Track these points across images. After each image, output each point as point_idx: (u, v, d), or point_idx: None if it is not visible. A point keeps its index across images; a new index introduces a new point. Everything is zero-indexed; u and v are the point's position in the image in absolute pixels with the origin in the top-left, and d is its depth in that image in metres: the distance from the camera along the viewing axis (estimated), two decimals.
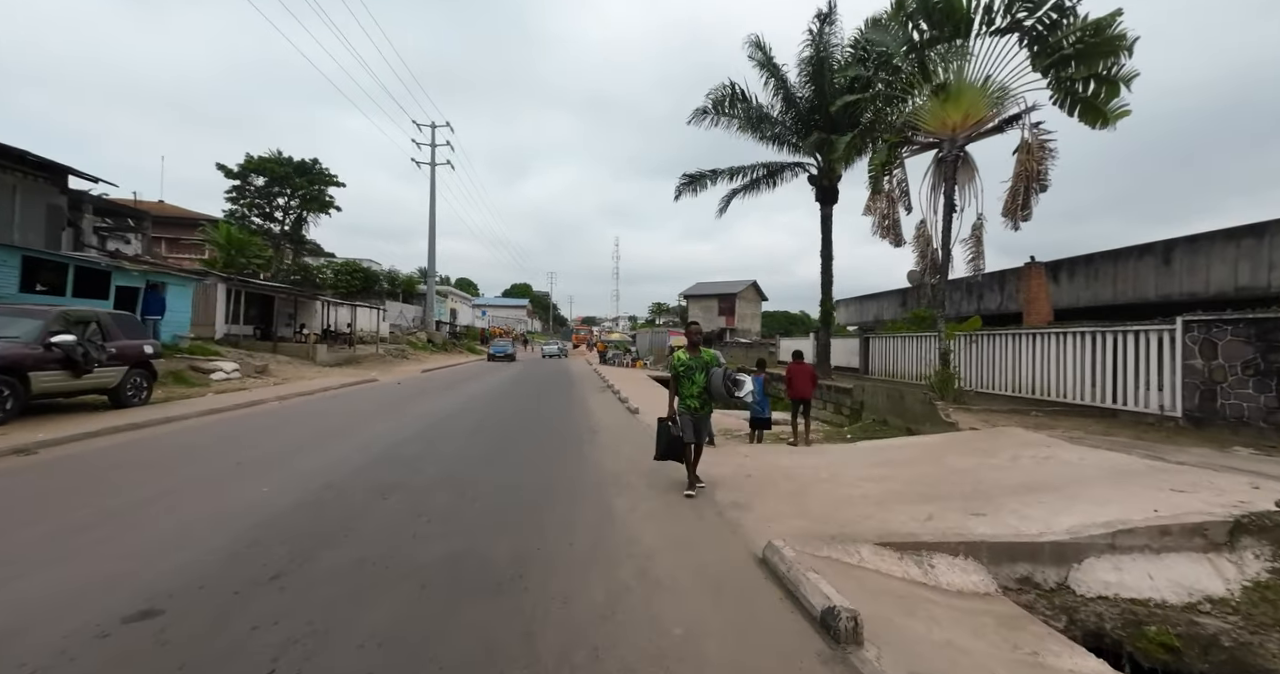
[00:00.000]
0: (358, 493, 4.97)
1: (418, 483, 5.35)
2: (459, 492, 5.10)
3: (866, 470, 5.91)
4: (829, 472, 5.96)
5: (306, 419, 9.15)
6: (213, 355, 15.12)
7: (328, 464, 6.06)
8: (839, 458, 6.69)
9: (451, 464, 6.31)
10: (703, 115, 19.93)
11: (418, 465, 6.15)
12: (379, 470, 5.88)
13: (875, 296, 27.00)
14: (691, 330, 5.99)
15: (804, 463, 6.52)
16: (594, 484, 5.58)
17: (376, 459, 6.42)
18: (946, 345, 12.97)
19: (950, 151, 13.05)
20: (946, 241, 13.09)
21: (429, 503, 4.73)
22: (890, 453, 6.72)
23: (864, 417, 11.04)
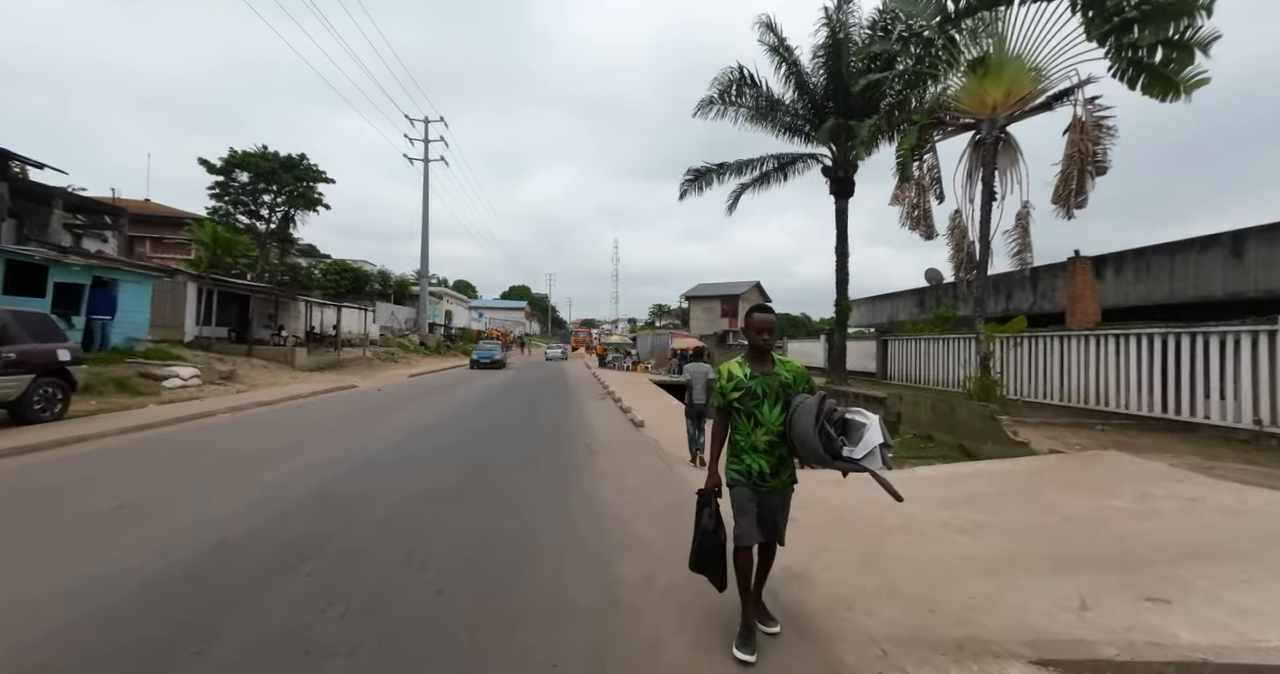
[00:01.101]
0: (257, 559, 3.55)
1: (349, 540, 3.91)
2: (403, 555, 3.68)
3: (947, 513, 4.51)
4: (895, 512, 4.56)
5: (248, 437, 7.73)
6: (172, 360, 13.69)
7: (238, 507, 4.64)
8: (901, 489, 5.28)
9: (405, 503, 4.89)
10: (708, 105, 18.57)
11: (360, 507, 4.73)
12: (303, 517, 4.46)
13: (890, 297, 25.65)
14: (757, 323, 2.91)
15: (858, 497, 5.11)
16: (591, 540, 4.16)
17: (307, 497, 5.00)
18: (987, 348, 11.61)
19: (990, 133, 11.72)
20: (986, 233, 11.74)
21: (352, 580, 3.27)
22: (965, 485, 5.32)
23: (901, 430, 9.63)
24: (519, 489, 5.39)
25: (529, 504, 4.91)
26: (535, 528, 4.25)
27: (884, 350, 19.27)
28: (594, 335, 64.97)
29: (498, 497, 5.13)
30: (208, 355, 17.23)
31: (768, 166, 19.81)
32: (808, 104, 18.37)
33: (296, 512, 4.54)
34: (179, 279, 18.53)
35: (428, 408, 11.82)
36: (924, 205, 13.07)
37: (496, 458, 6.86)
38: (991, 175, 11.78)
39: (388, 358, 28.66)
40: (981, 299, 11.92)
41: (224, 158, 32.15)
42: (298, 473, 5.70)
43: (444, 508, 4.70)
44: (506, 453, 7.23)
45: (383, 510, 4.57)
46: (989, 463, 6.06)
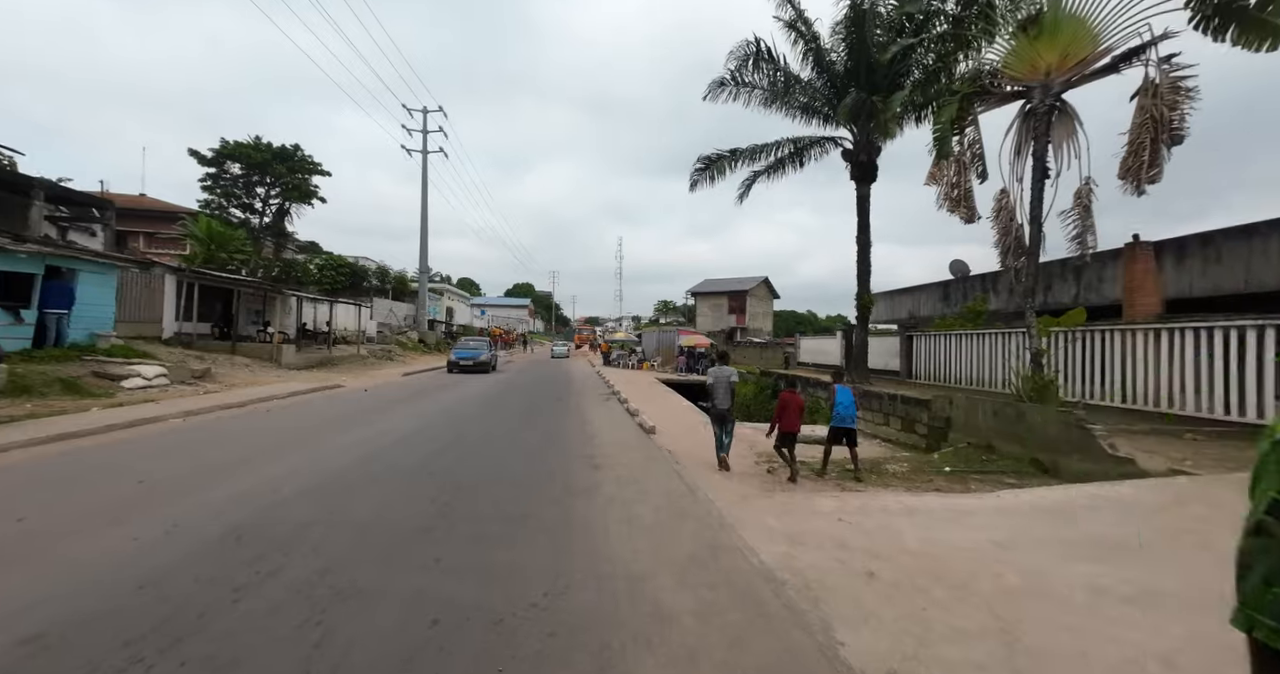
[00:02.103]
0: (114, 639, 2.33)
1: (226, 625, 2.66)
2: (324, 636, 2.45)
3: (1087, 566, 3.26)
4: (1010, 564, 3.33)
5: (182, 451, 6.50)
6: (138, 358, 12.54)
7: (135, 552, 3.45)
8: (994, 526, 4.04)
9: (352, 546, 3.68)
10: (720, 87, 17.27)
11: (291, 550, 3.52)
12: (211, 564, 3.26)
13: (910, 291, 24.32)
14: None
15: (945, 536, 3.88)
16: (593, 617, 2.89)
17: (230, 534, 3.80)
18: (1040, 344, 10.32)
19: (1043, 101, 10.39)
20: (1037, 214, 10.43)
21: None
22: (1088, 520, 4.07)
23: (951, 439, 8.36)
24: (499, 528, 4.15)
25: (509, 554, 3.66)
26: (513, 599, 3.00)
27: (909, 347, 17.95)
28: (598, 333, 63.80)
29: (469, 541, 3.89)
30: (186, 353, 16.12)
31: (783, 151, 18.45)
32: (827, 82, 17.05)
33: (196, 563, 3.33)
34: (156, 271, 17.41)
35: (413, 411, 10.62)
36: (964, 185, 11.72)
37: (479, 480, 5.63)
38: (1044, 149, 10.46)
39: (384, 355, 27.54)
40: (1033, 289, 10.61)
41: (215, 148, 31.10)
42: (215, 506, 4.45)
43: (389, 565, 3.44)
44: (492, 472, 6.00)
45: (297, 573, 3.25)
46: (1098, 487, 4.79)
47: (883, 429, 10.56)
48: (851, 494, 5.37)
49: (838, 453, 7.16)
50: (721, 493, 5.40)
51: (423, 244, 36.44)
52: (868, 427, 11.32)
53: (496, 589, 3.11)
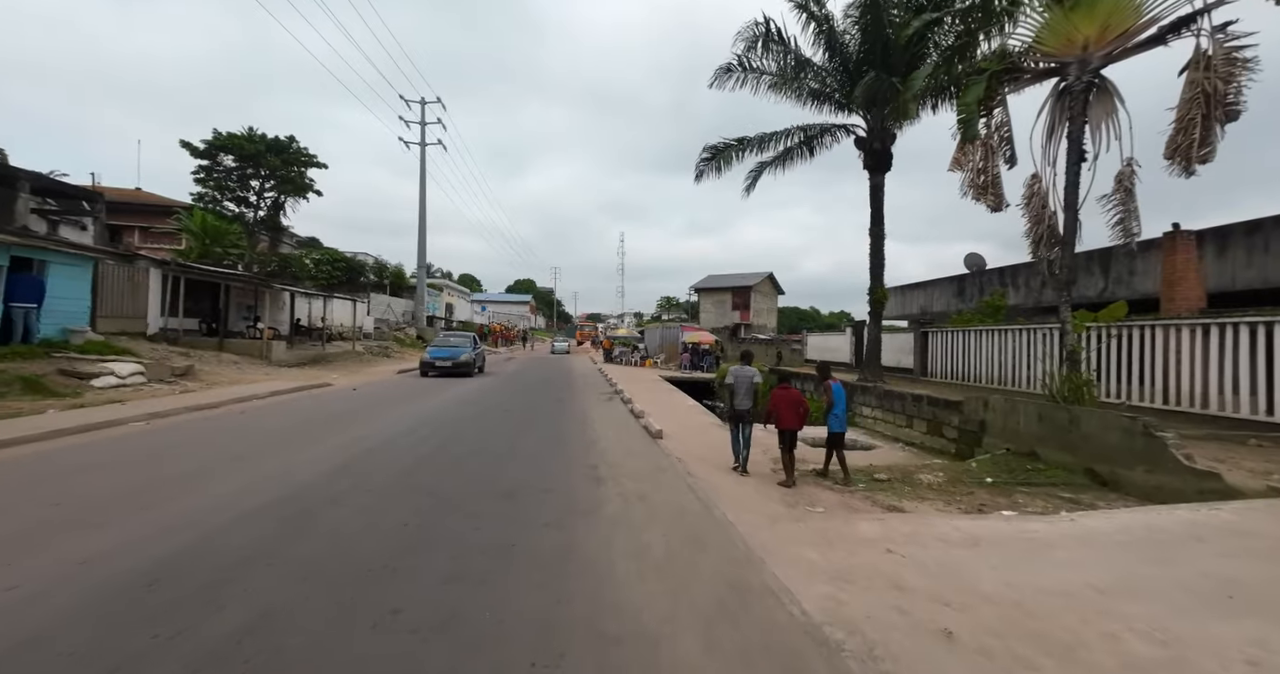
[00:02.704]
0: None
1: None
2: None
3: (1226, 626, 2.53)
4: (1125, 619, 2.60)
5: (137, 461, 5.77)
6: (114, 355, 11.86)
7: (9, 604, 2.73)
8: (1083, 563, 3.32)
9: (294, 593, 2.98)
10: (726, 74, 16.48)
11: (213, 600, 2.82)
12: (104, 621, 2.56)
13: (922, 286, 23.55)
14: None
15: (1027, 577, 3.15)
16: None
17: (144, 577, 3.09)
18: (1076, 340, 9.58)
19: (1080, 78, 9.63)
20: (1073, 200, 9.70)
21: None
22: (1195, 556, 3.34)
23: (986, 444, 7.64)
24: (481, 564, 3.43)
25: (490, 602, 2.94)
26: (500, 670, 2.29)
27: (923, 344, 17.19)
28: (600, 330, 63.08)
29: (441, 582, 3.16)
30: (170, 349, 15.44)
31: (792, 140, 17.63)
32: (839, 66, 16.25)
33: (50, 642, 2.61)
34: (140, 265, 16.70)
35: (402, 412, 9.92)
36: (992, 170, 10.95)
37: (465, 495, 4.91)
38: (1080, 130, 9.72)
39: (380, 352, 26.87)
40: (1068, 281, 9.86)
41: (207, 140, 30.30)
42: (139, 535, 3.70)
43: (333, 622, 2.70)
44: (481, 485, 5.28)
45: (211, 634, 2.47)
46: (1191, 511, 4.06)
47: (905, 432, 9.84)
48: (896, 516, 4.65)
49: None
50: (743, 512, 4.69)
51: (421, 238, 35.71)
52: (888, 429, 10.61)
53: (468, 658, 2.39)
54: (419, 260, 36.05)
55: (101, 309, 14.72)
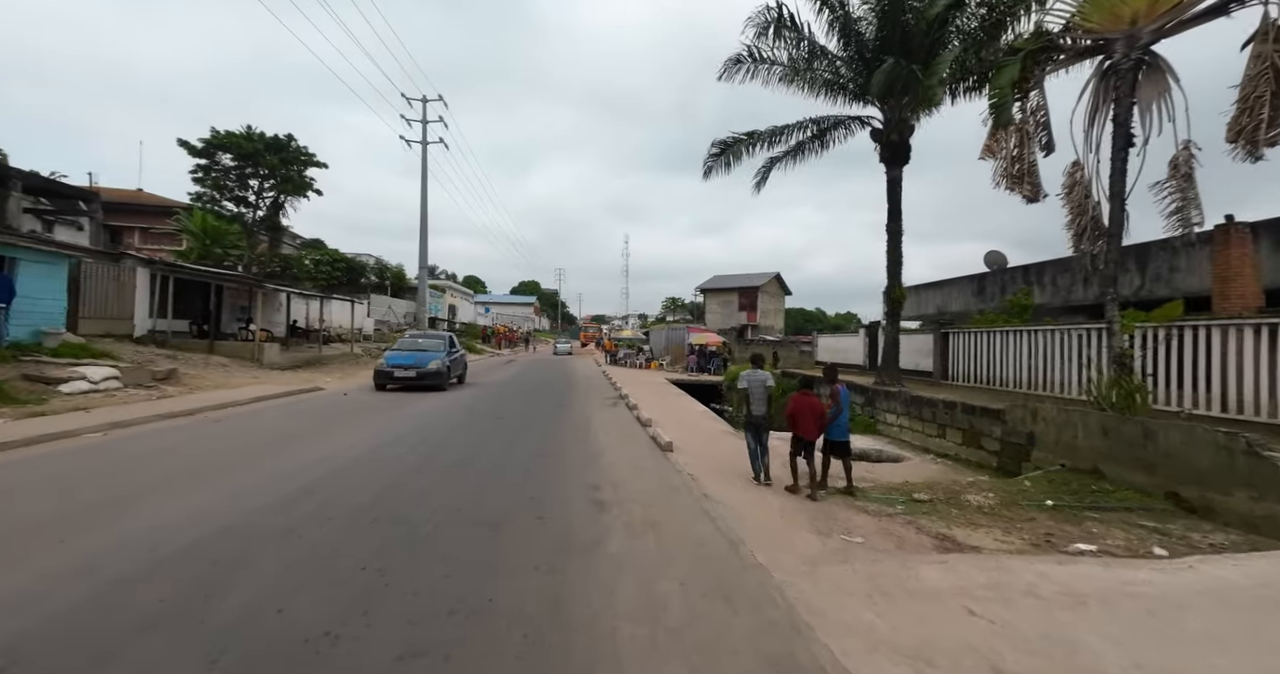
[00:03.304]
0: None
1: None
2: None
3: None
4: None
5: (71, 480, 5.00)
6: (91, 358, 11.20)
7: None
8: (1234, 636, 2.53)
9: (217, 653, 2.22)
10: (736, 65, 15.72)
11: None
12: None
13: (939, 285, 22.68)
14: None
15: (1170, 659, 2.35)
16: None
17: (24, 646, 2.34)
18: (1124, 342, 8.77)
19: (1127, 55, 8.83)
20: (1119, 188, 8.90)
21: None
22: None
23: (1035, 459, 6.82)
24: (446, 632, 2.66)
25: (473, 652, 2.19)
26: None
27: (943, 345, 16.33)
28: (604, 331, 62.36)
29: (396, 659, 2.42)
30: (157, 352, 14.80)
31: (805, 133, 16.82)
32: (854, 54, 15.46)
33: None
34: (126, 264, 16.08)
35: (390, 420, 9.19)
36: (1027, 158, 10.15)
37: (441, 526, 4.14)
38: (1128, 112, 8.92)
39: (379, 355, 26.18)
40: (1115, 276, 9.06)
41: (205, 138, 29.75)
42: (12, 594, 2.99)
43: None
44: (464, 512, 4.51)
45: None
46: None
47: (936, 442, 9.03)
48: (963, 557, 3.86)
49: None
50: (774, 548, 3.92)
51: (422, 238, 35.05)
52: (915, 438, 9.81)
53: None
54: (420, 260, 35.38)
55: (84, 310, 14.10)
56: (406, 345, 15.62)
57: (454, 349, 16.08)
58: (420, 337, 16.48)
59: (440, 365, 13.94)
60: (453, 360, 15.17)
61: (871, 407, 11.93)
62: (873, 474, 7.55)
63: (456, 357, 15.97)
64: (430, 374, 13.67)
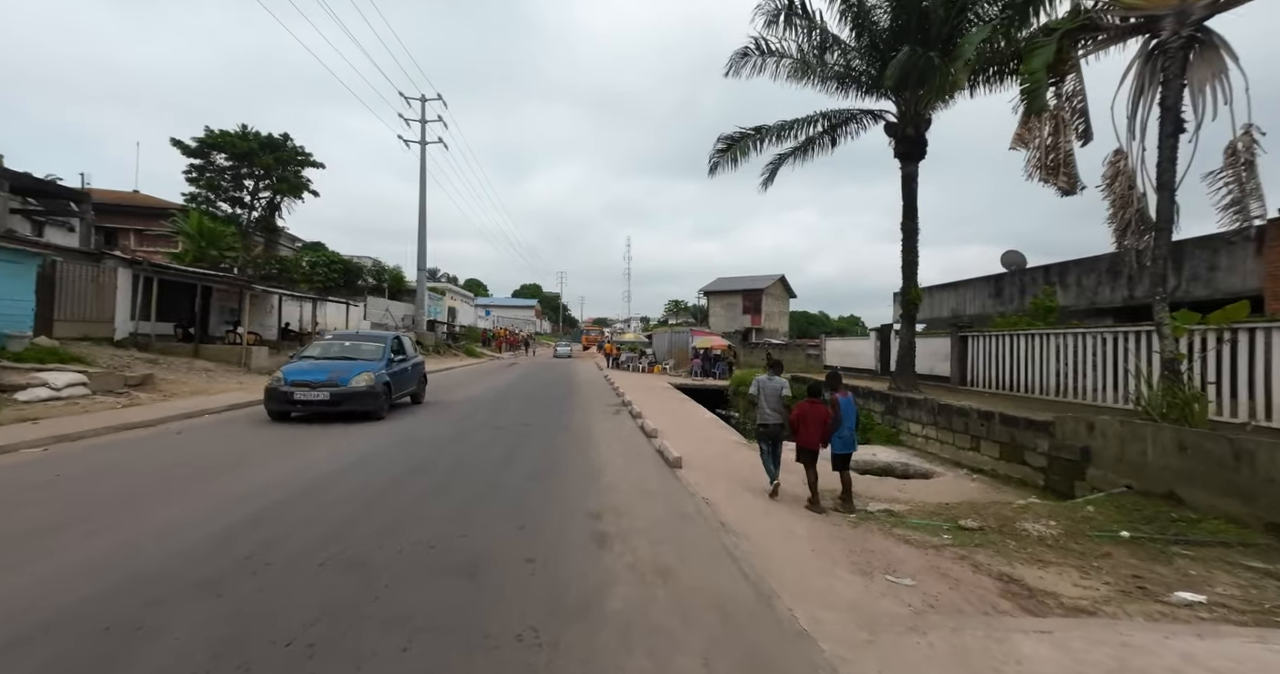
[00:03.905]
0: None
1: None
2: None
3: None
4: None
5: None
6: (58, 363, 10.50)
7: None
8: None
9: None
10: (743, 58, 15.01)
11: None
12: None
13: (953, 286, 21.91)
14: None
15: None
16: None
17: None
18: (1175, 346, 8.00)
19: (1177, 32, 8.08)
20: (1168, 178, 8.14)
21: None
22: None
23: (1091, 478, 6.05)
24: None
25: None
26: None
27: (962, 349, 15.56)
28: (606, 334, 61.66)
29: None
30: (137, 356, 14.11)
31: (815, 128, 16.06)
32: (868, 45, 14.73)
33: None
34: (107, 264, 15.40)
35: (367, 430, 8.45)
36: (1063, 147, 9.40)
37: (405, 575, 3.35)
38: (1178, 95, 8.18)
39: None
40: (1164, 274, 8.29)
41: (199, 138, 29.17)
42: None
43: None
44: (436, 553, 3.73)
45: None
46: None
47: (969, 455, 8.25)
48: (1069, 624, 3.08)
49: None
50: (815, 601, 3.17)
51: (421, 239, 34.43)
52: (944, 450, 9.03)
53: None
54: (419, 261, 34.76)
55: (59, 312, 13.43)
56: (324, 351, 10.79)
57: (401, 356, 11.56)
58: (349, 338, 11.67)
59: (371, 381, 9.57)
60: (397, 373, 10.90)
61: (893, 415, 11.16)
62: (905, 493, 6.78)
63: (404, 368, 11.45)
64: (354, 395, 9.26)
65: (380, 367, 10.22)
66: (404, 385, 11.44)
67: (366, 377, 9.62)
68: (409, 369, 11.84)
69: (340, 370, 9.60)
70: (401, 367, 11.30)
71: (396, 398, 10.89)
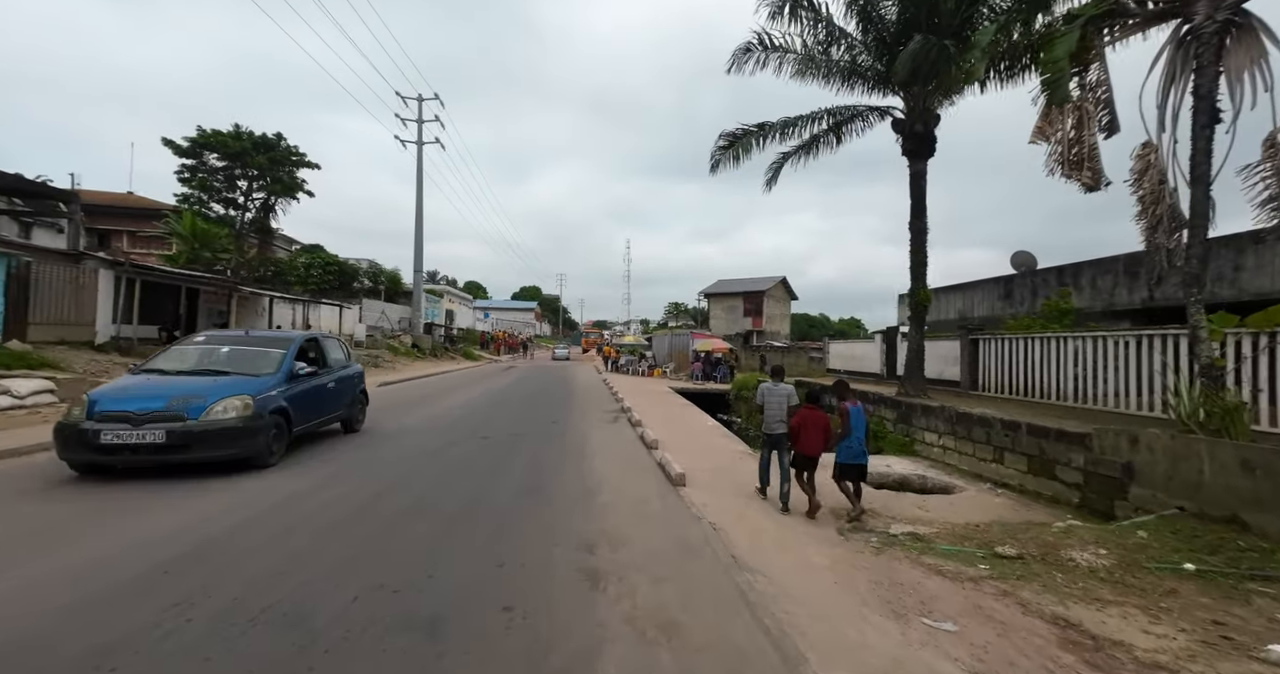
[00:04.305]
0: None
1: None
2: None
3: None
4: None
5: None
6: (26, 369, 9.96)
7: None
8: None
9: None
10: (745, 54, 14.53)
11: None
12: None
13: (960, 288, 21.35)
14: None
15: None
16: None
17: None
18: (1212, 350, 7.46)
19: (1211, 16, 7.57)
20: (1204, 171, 7.63)
21: None
22: None
23: (1134, 497, 5.49)
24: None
25: None
26: None
27: (973, 352, 14.99)
28: (606, 337, 61.12)
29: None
30: (118, 361, 13.54)
31: (819, 126, 15.53)
32: (875, 39, 14.24)
33: None
34: (87, 265, 14.86)
35: (350, 443, 7.89)
36: (1087, 141, 8.88)
37: (353, 633, 2.77)
38: (1213, 83, 7.68)
39: (369, 362, 24.93)
40: (1200, 273, 7.78)
41: (191, 137, 28.66)
42: None
43: None
44: (394, 605, 3.08)
45: None
46: None
47: (992, 468, 7.69)
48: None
49: None
50: (855, 665, 2.61)
51: (417, 240, 33.94)
52: (963, 462, 8.48)
53: None
54: (415, 262, 34.26)
55: (34, 315, 12.89)
56: (181, 361, 7.05)
57: (315, 369, 7.76)
58: (228, 342, 7.66)
59: (245, 410, 6.04)
60: (305, 393, 7.25)
61: (907, 423, 10.61)
62: (928, 511, 6.23)
63: (318, 385, 7.71)
64: (211, 435, 5.75)
65: (271, 384, 6.55)
66: (318, 410, 7.64)
67: (237, 402, 5.93)
68: (330, 386, 7.91)
69: (190, 394, 5.89)
70: (314, 384, 7.50)
71: (305, 430, 7.20)
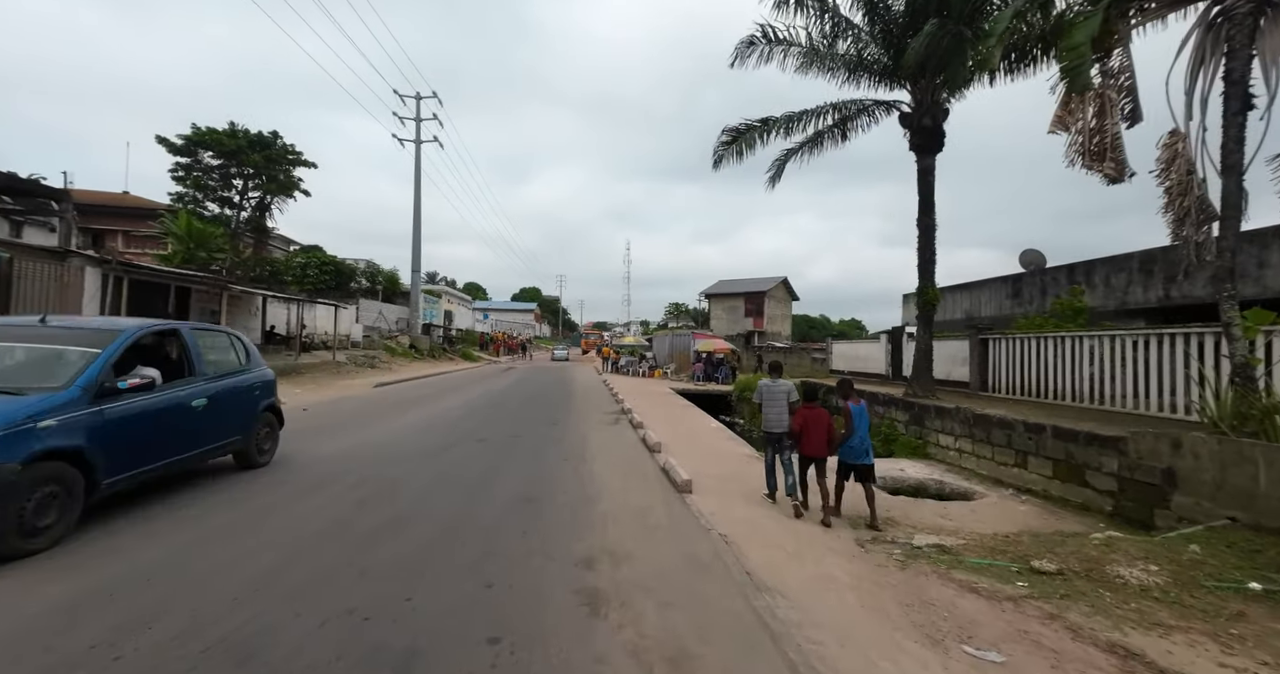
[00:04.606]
0: None
1: None
2: None
3: None
4: None
5: None
6: None
7: None
8: None
9: None
10: (749, 47, 14.19)
11: None
12: None
13: (967, 287, 20.98)
14: None
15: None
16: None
17: None
18: (1247, 348, 7.07)
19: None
20: (1235, 160, 7.26)
21: None
22: None
23: (1178, 506, 5.09)
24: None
25: None
26: None
27: (982, 352, 14.59)
28: (606, 338, 60.70)
29: None
30: None
31: (824, 121, 15.15)
32: (881, 31, 13.89)
33: None
34: (73, 263, 14.47)
35: (339, 445, 7.51)
36: (1110, 130, 8.50)
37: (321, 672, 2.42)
38: (1246, 68, 7.31)
39: (365, 363, 24.56)
40: (1233, 267, 7.39)
41: (185, 135, 28.26)
42: None
43: None
44: (365, 639, 2.66)
45: None
46: None
47: (1014, 473, 7.29)
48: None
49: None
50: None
51: (415, 240, 33.56)
52: (983, 466, 8.08)
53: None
54: (413, 262, 33.87)
55: (14, 312, 12.49)
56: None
57: (176, 379, 5.17)
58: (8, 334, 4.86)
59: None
60: (148, 413, 4.64)
61: (919, 425, 10.21)
62: (950, 520, 5.83)
63: (182, 401, 5.05)
64: None
65: (43, 407, 3.86)
66: (172, 443, 4.96)
67: None
68: (196, 405, 5.20)
69: None
70: (160, 402, 4.82)
71: (142, 475, 4.59)
